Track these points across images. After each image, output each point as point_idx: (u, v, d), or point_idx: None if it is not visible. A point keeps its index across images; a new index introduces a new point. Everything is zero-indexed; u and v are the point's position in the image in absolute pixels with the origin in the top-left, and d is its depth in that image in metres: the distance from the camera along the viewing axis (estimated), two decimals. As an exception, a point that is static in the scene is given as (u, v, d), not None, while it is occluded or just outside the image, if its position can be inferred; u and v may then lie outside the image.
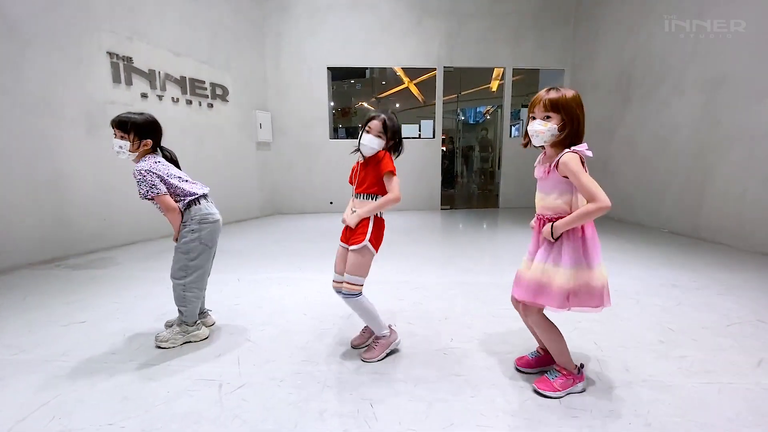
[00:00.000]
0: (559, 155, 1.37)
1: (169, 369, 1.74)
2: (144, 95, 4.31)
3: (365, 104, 14.87)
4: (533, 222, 1.54)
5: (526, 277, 1.47)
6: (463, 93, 11.56)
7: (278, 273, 3.22)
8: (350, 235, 1.77)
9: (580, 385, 1.53)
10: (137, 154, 1.88)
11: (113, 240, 4.13)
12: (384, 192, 1.71)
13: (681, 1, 4.50)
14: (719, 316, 2.23)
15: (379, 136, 1.69)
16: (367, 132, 1.70)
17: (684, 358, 1.77)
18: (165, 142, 2.02)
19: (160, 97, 4.49)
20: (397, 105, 15.18)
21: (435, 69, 6.72)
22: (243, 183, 5.93)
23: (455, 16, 6.54)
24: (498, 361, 1.78)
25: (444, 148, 9.98)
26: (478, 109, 13.54)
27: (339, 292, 1.79)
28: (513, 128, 7.56)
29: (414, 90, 12.32)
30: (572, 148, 1.36)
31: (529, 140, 1.46)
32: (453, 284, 2.89)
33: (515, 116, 7.57)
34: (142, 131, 1.85)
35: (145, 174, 1.80)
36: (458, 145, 12.80)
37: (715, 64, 4.12)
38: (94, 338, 2.05)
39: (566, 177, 1.35)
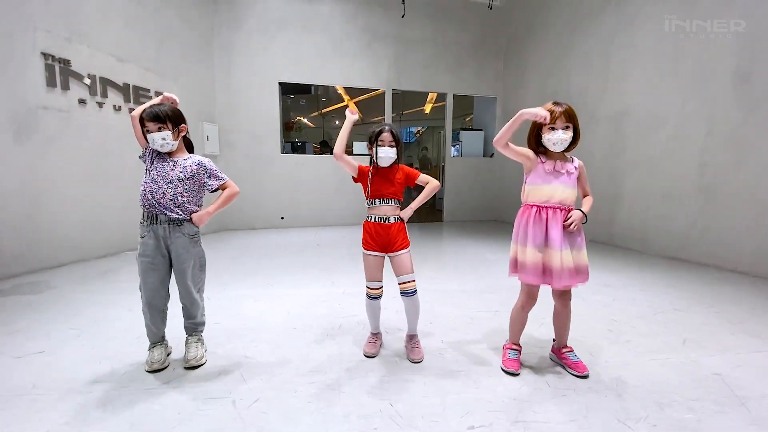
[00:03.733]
0: (575, 159, 1.77)
1: (170, 392, 1.66)
2: (82, 101, 3.93)
3: (304, 119, 14.86)
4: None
5: (580, 264, 1.71)
6: (404, 113, 12.19)
7: (249, 290, 3.14)
8: (392, 242, 1.92)
9: None
10: (177, 142, 1.83)
11: (39, 261, 3.63)
12: (401, 196, 1.98)
13: (591, 50, 5.38)
14: (646, 307, 2.72)
15: (392, 146, 1.88)
16: (381, 146, 1.87)
17: (630, 342, 2.16)
18: (104, 153, 1.97)
19: (100, 104, 4.12)
20: (337, 122, 15.44)
21: (377, 89, 7.07)
22: (188, 198, 5.58)
23: (402, 42, 6.98)
24: (488, 356, 2.00)
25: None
26: (409, 129, 14.38)
27: (378, 297, 1.98)
28: (453, 149, 8.15)
29: (353, 108, 12.68)
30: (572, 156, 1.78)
31: (544, 150, 1.75)
32: (424, 292, 3.06)
33: (455, 138, 8.17)
34: (175, 119, 1.80)
35: (211, 163, 1.91)
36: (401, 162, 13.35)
37: (621, 99, 4.98)
38: (66, 368, 1.85)
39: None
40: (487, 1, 7.09)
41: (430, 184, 2.02)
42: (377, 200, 1.93)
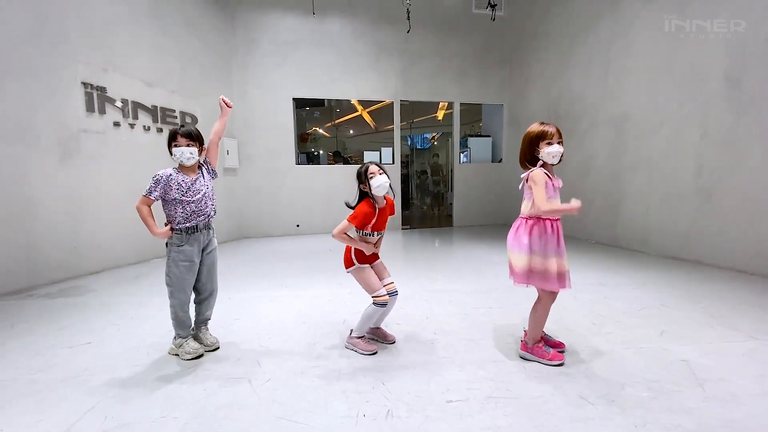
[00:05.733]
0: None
1: (196, 375, 1.95)
2: (116, 123, 4.38)
3: (319, 129, 15.35)
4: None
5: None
6: (415, 120, 12.48)
7: (265, 291, 3.44)
8: (376, 256, 2.27)
9: None
10: (198, 158, 2.19)
11: (79, 269, 4.05)
12: None
13: (591, 57, 5.54)
14: (634, 304, 2.87)
15: (382, 173, 2.09)
16: (372, 177, 2.06)
17: (610, 334, 2.33)
18: (136, 169, 2.30)
19: (132, 126, 4.56)
20: (351, 131, 15.87)
21: (386, 101, 7.37)
22: (209, 208, 5.99)
23: (408, 55, 7.29)
24: (474, 346, 2.22)
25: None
26: (424, 136, 14.63)
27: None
28: (462, 155, 8.36)
29: (367, 117, 13.06)
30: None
31: (543, 163, 2.00)
32: (426, 293, 3.31)
33: (464, 144, 8.38)
34: (201, 140, 2.17)
35: (206, 161, 2.31)
36: (414, 169, 13.71)
37: (620, 103, 5.11)
38: (110, 356, 2.18)
39: None
40: (489, 12, 7.32)
41: None
42: (376, 233, 2.19)
